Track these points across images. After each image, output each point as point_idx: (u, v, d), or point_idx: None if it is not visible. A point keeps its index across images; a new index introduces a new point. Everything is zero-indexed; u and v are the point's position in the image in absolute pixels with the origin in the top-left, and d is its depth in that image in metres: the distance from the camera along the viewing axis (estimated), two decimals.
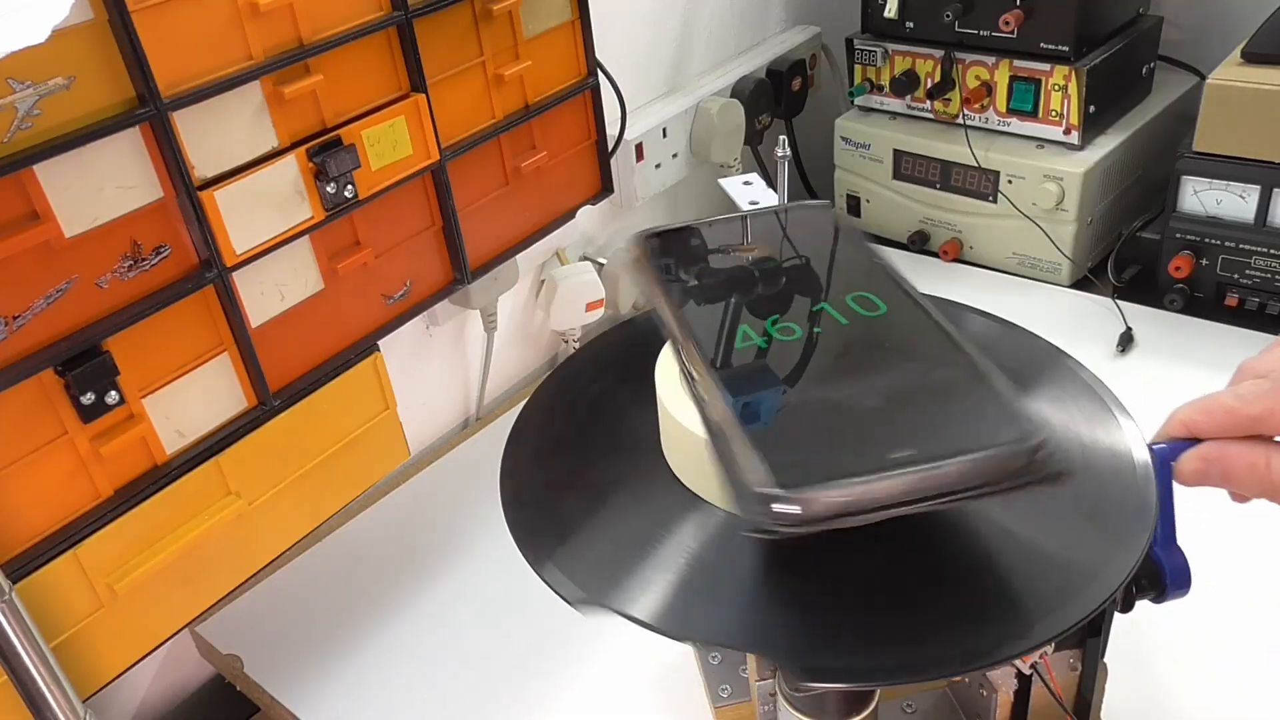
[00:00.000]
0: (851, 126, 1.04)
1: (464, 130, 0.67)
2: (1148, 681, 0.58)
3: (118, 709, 0.72)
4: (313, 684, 0.65)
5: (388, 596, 0.71)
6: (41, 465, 0.50)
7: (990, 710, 0.52)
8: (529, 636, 0.66)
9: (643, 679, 0.62)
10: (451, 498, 0.79)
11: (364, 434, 0.64)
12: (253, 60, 0.53)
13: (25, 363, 0.47)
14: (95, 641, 0.53)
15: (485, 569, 0.72)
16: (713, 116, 0.97)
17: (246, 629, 0.70)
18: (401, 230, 0.65)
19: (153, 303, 0.51)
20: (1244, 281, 0.85)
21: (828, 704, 0.47)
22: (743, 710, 0.56)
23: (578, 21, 0.73)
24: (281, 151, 0.56)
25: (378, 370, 0.65)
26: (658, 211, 1.04)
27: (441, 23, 0.63)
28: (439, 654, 0.66)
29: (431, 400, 0.87)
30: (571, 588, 0.40)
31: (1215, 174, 0.83)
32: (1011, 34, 0.90)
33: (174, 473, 0.55)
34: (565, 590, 0.40)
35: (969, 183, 0.98)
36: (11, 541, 0.49)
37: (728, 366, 0.40)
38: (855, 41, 1.01)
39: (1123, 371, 0.83)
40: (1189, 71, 1.02)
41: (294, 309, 0.59)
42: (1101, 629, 0.49)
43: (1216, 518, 0.55)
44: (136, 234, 0.51)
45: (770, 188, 0.66)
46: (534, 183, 0.74)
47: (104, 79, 0.47)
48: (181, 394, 0.54)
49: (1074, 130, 0.92)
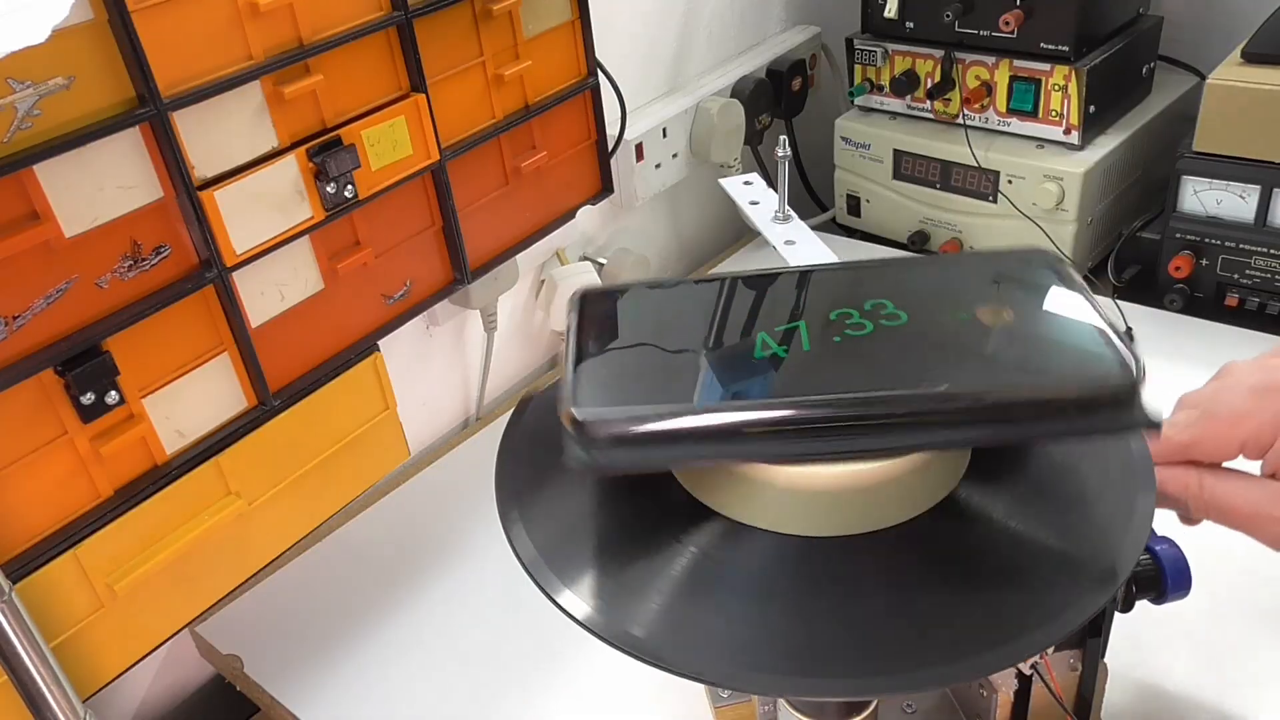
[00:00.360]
0: (851, 126, 1.04)
1: (464, 130, 0.67)
2: (1148, 681, 0.58)
3: (118, 709, 0.72)
4: (313, 684, 0.65)
5: (387, 596, 0.71)
6: (41, 465, 0.50)
7: (990, 710, 0.52)
8: (529, 636, 0.66)
9: (643, 679, 0.62)
10: (451, 498, 0.79)
11: (364, 434, 0.64)
12: (253, 60, 0.53)
13: (25, 363, 0.47)
14: (95, 641, 0.53)
15: (485, 569, 0.72)
16: (713, 116, 0.97)
17: (246, 629, 0.70)
18: (401, 230, 0.65)
19: (153, 303, 0.51)
20: (1244, 281, 0.85)
21: (828, 705, 0.47)
22: (743, 711, 0.56)
23: (578, 21, 0.73)
24: (281, 151, 0.56)
25: (378, 370, 0.65)
26: (658, 211, 1.04)
27: (441, 23, 0.63)
28: (439, 654, 0.66)
29: (431, 400, 0.87)
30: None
31: (1215, 174, 0.83)
32: (1011, 34, 0.90)
33: (174, 473, 0.55)
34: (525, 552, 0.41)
35: (969, 183, 0.98)
36: (11, 541, 0.49)
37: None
38: (855, 41, 1.01)
39: None
40: (1189, 71, 1.03)
41: (294, 309, 0.59)
42: (1101, 629, 0.49)
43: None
44: (136, 234, 0.51)
45: (770, 188, 0.66)
46: (534, 183, 0.74)
47: (104, 79, 0.47)
48: (181, 394, 0.54)
49: (1074, 130, 0.92)
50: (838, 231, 1.11)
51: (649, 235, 1.04)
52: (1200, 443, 0.46)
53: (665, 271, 1.08)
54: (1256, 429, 0.45)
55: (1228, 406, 0.46)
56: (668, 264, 1.08)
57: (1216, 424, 0.46)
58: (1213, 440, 0.46)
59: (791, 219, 0.65)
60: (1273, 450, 0.45)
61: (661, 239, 1.06)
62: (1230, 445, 0.46)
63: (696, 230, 1.10)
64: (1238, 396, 0.46)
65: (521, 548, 0.41)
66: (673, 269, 1.09)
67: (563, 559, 0.41)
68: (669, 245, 1.08)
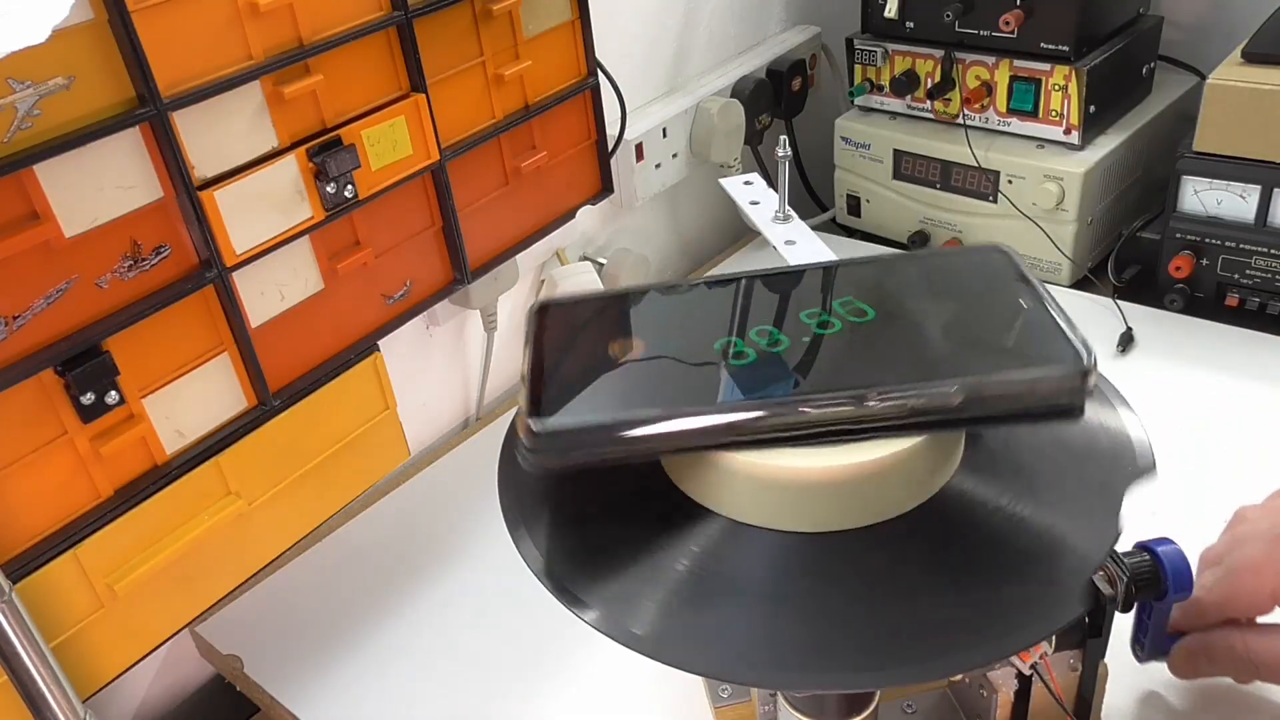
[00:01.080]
0: (851, 126, 1.04)
1: (464, 130, 0.67)
2: (1148, 681, 0.58)
3: (118, 709, 0.72)
4: (313, 684, 0.65)
5: (388, 596, 0.71)
6: (41, 465, 0.50)
7: (990, 710, 0.52)
8: (529, 636, 0.66)
9: (643, 679, 0.62)
10: (451, 498, 0.79)
11: (364, 434, 0.64)
12: (253, 60, 0.53)
13: (25, 363, 0.47)
14: (95, 641, 0.53)
15: (485, 569, 0.72)
16: (713, 116, 0.97)
17: (246, 629, 0.70)
18: (401, 230, 0.65)
19: (153, 303, 0.51)
20: (1244, 281, 0.85)
21: (828, 704, 0.47)
22: (743, 710, 0.56)
23: (578, 21, 0.73)
24: (281, 151, 0.56)
25: (378, 370, 0.65)
26: (658, 211, 1.04)
27: (441, 23, 0.63)
28: (439, 654, 0.66)
29: (431, 400, 0.87)
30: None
31: (1215, 174, 0.83)
32: (1011, 34, 0.90)
33: (174, 473, 0.55)
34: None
35: (969, 183, 0.98)
36: (11, 541, 0.49)
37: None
38: (855, 41, 1.01)
39: (1123, 371, 0.83)
40: (1189, 71, 1.02)
41: (294, 309, 0.59)
42: (1102, 629, 0.49)
43: (1216, 519, 0.55)
44: (136, 234, 0.51)
45: (770, 188, 0.66)
46: (534, 183, 0.74)
47: (104, 79, 0.47)
48: (181, 394, 0.54)
49: (1074, 130, 0.92)
50: (838, 231, 1.11)
51: (649, 235, 1.04)
52: (1233, 600, 0.45)
53: (666, 272, 1.08)
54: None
55: (1250, 561, 0.45)
56: (668, 264, 1.08)
57: (1242, 580, 0.45)
58: (1244, 596, 0.45)
59: (792, 219, 0.65)
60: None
61: (661, 239, 1.06)
62: (1261, 600, 0.45)
63: (696, 230, 1.10)
64: (1258, 548, 0.45)
65: (531, 559, 0.42)
66: (673, 269, 1.09)
67: (572, 567, 0.41)
68: (669, 245, 1.08)
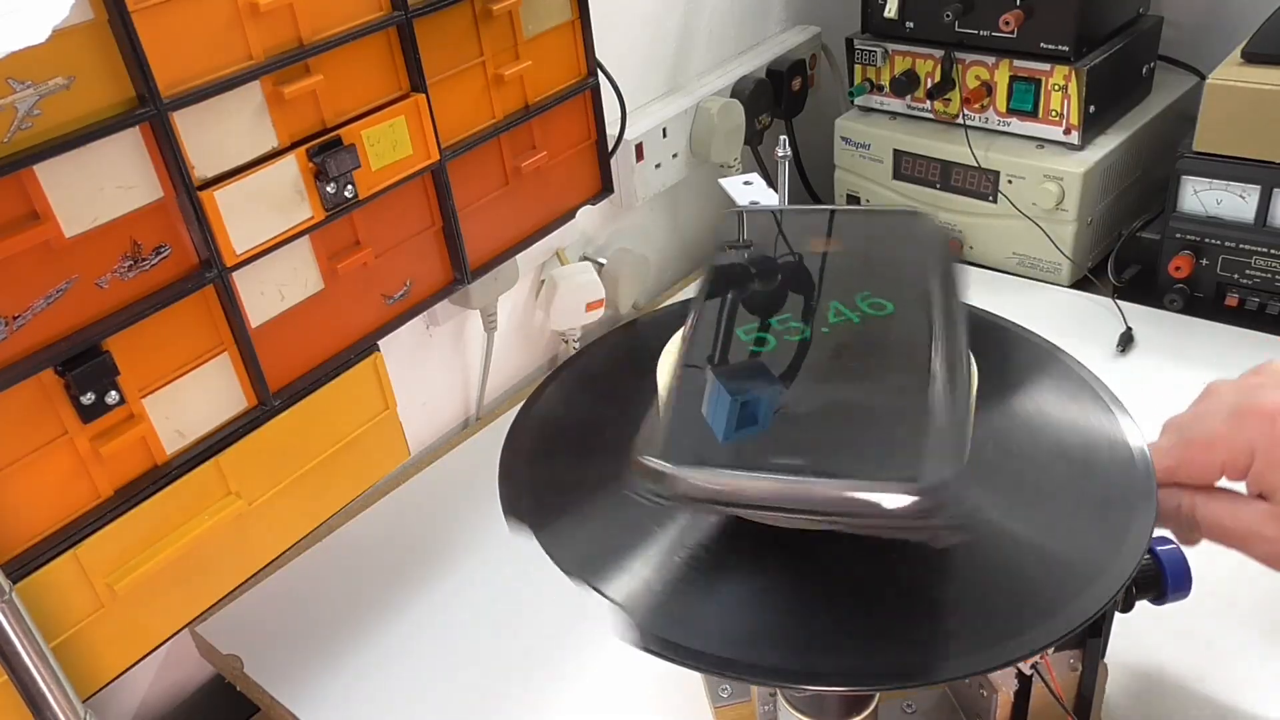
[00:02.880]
0: (851, 126, 1.04)
1: (464, 130, 0.67)
2: (1148, 681, 0.58)
3: (118, 709, 0.72)
4: (313, 684, 0.65)
5: (388, 596, 0.71)
6: (41, 465, 0.50)
7: (990, 710, 0.52)
8: (529, 636, 0.66)
9: (642, 679, 0.62)
10: (451, 498, 0.79)
11: (364, 434, 0.64)
12: (253, 60, 0.53)
13: (25, 363, 0.47)
14: (95, 641, 0.53)
15: (485, 569, 0.72)
16: (713, 116, 0.97)
17: (246, 629, 0.70)
18: (401, 230, 0.65)
19: (153, 303, 0.51)
20: (1244, 281, 0.85)
21: (828, 704, 0.47)
22: (743, 710, 0.56)
23: (578, 21, 0.73)
24: (281, 151, 0.56)
25: (378, 370, 0.65)
26: (658, 211, 1.04)
27: (441, 23, 0.63)
28: (439, 654, 0.66)
29: (431, 400, 0.87)
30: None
31: (1215, 174, 0.83)
32: (1011, 34, 0.90)
33: (174, 473, 0.55)
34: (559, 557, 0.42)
35: (969, 183, 0.98)
36: (11, 541, 0.49)
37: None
38: (855, 41, 1.01)
39: (1123, 371, 0.83)
40: (1189, 71, 1.02)
41: (294, 309, 0.59)
42: (1102, 629, 0.49)
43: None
44: (136, 234, 0.51)
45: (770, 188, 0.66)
46: (534, 183, 0.74)
47: (104, 79, 0.47)
48: (181, 394, 0.54)
49: (1074, 130, 0.92)
50: None
51: (649, 235, 1.04)
52: (1182, 467, 0.47)
53: (666, 272, 1.08)
54: (1232, 453, 0.45)
55: (1204, 431, 0.47)
56: (668, 264, 1.08)
57: (1194, 449, 0.47)
58: (1192, 465, 0.47)
59: None
60: (1252, 472, 0.45)
61: (661, 239, 1.06)
62: (1209, 470, 0.46)
63: (696, 230, 1.10)
64: (1215, 420, 0.46)
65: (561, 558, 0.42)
66: (673, 269, 1.09)
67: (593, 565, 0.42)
68: (669, 245, 1.08)
